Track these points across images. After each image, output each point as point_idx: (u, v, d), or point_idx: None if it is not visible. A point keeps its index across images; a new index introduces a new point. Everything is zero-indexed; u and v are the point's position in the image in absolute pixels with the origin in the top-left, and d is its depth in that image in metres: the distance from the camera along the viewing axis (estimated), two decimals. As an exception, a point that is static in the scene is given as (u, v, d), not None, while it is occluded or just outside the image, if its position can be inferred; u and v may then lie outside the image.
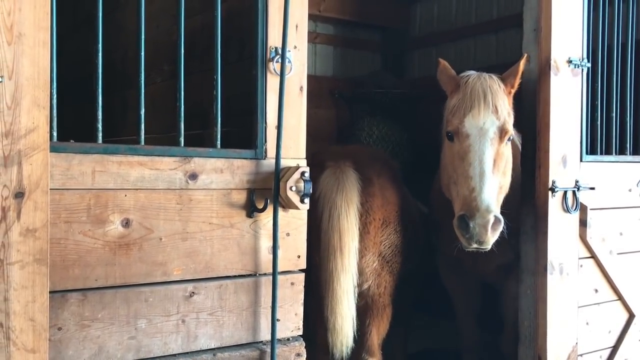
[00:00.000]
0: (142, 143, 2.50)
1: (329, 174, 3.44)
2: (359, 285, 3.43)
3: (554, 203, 3.37)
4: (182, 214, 2.53)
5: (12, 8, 2.01)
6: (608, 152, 3.73)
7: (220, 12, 2.68)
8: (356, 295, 3.39)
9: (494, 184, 3.06)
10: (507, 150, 3.23)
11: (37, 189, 2.08)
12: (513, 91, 3.34)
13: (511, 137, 3.23)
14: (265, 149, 2.73)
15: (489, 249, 3.06)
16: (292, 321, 2.81)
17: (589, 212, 3.51)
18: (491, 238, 2.99)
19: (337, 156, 3.59)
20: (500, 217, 3.01)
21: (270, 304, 2.71)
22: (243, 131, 2.82)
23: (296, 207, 2.70)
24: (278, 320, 2.73)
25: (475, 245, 3.02)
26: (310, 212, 2.99)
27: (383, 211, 3.55)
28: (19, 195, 2.04)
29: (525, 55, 3.34)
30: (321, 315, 3.34)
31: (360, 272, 3.42)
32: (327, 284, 3.30)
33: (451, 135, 3.25)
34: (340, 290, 3.28)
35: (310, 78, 3.10)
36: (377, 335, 3.63)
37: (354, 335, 3.36)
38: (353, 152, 3.88)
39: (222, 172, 2.63)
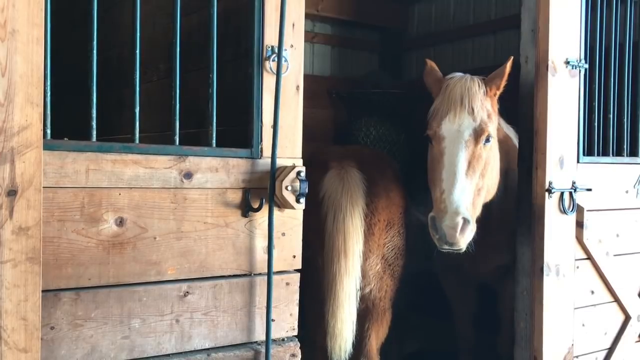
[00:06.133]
0: (137, 141, 2.48)
1: (333, 175, 3.41)
2: (361, 288, 3.41)
3: (550, 204, 3.36)
4: (177, 213, 2.52)
5: (5, 4, 1.99)
6: (605, 153, 3.72)
7: (216, 11, 2.67)
8: (358, 299, 3.36)
9: (466, 186, 3.06)
10: (486, 152, 3.21)
11: (30, 187, 2.06)
12: (498, 92, 3.34)
13: (490, 138, 3.22)
14: (261, 148, 2.72)
15: (463, 250, 3.06)
16: (287, 321, 2.80)
17: (585, 213, 3.50)
18: (461, 240, 2.98)
19: (340, 156, 3.57)
20: (470, 219, 3.00)
21: (265, 304, 2.70)
22: (239, 130, 2.80)
23: (292, 207, 2.69)
24: (273, 320, 2.71)
25: (446, 247, 3.02)
26: (313, 213, 2.96)
27: (387, 212, 3.53)
28: (12, 193, 2.02)
29: (512, 57, 3.34)
30: (321, 318, 3.32)
31: (363, 275, 3.40)
32: (329, 287, 3.27)
33: (430, 138, 3.27)
34: (343, 294, 3.25)
35: (307, 77, 3.09)
36: (376, 340, 3.61)
37: (353, 339, 3.33)
38: (356, 152, 3.85)
39: (217, 171, 2.61)
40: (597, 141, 3.65)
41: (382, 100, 5.94)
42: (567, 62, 3.42)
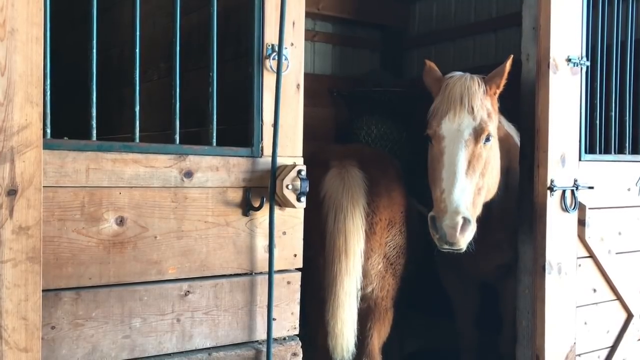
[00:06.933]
0: (137, 140, 2.48)
1: (334, 174, 3.40)
2: (363, 287, 3.40)
3: (552, 202, 3.35)
4: (177, 212, 2.52)
5: (4, 3, 1.99)
6: (607, 151, 3.71)
7: (216, 9, 2.67)
8: (359, 298, 3.35)
9: (466, 185, 3.05)
10: (487, 151, 3.21)
11: (30, 187, 2.06)
12: (499, 91, 3.33)
13: (490, 137, 3.22)
14: (262, 147, 2.71)
15: (463, 249, 3.06)
16: (288, 320, 2.79)
17: (587, 211, 3.49)
18: (461, 239, 2.98)
19: (340, 155, 3.56)
20: (470, 218, 3.00)
21: (266, 303, 2.69)
22: (239, 129, 2.80)
23: (292, 206, 2.68)
24: (274, 319, 2.71)
25: (446, 246, 3.02)
26: (314, 213, 2.93)
27: (389, 211, 3.52)
28: (12, 192, 2.02)
29: (511, 55, 3.33)
30: (322, 318, 3.31)
31: (365, 274, 3.39)
32: (330, 287, 3.27)
33: (430, 138, 3.26)
34: (343, 294, 3.25)
35: (308, 76, 3.08)
36: (377, 340, 3.60)
37: (355, 339, 3.32)
38: (356, 151, 3.84)
39: (217, 170, 2.61)
40: (598, 139, 3.64)
41: (383, 98, 5.93)
42: (569, 60, 3.41)
